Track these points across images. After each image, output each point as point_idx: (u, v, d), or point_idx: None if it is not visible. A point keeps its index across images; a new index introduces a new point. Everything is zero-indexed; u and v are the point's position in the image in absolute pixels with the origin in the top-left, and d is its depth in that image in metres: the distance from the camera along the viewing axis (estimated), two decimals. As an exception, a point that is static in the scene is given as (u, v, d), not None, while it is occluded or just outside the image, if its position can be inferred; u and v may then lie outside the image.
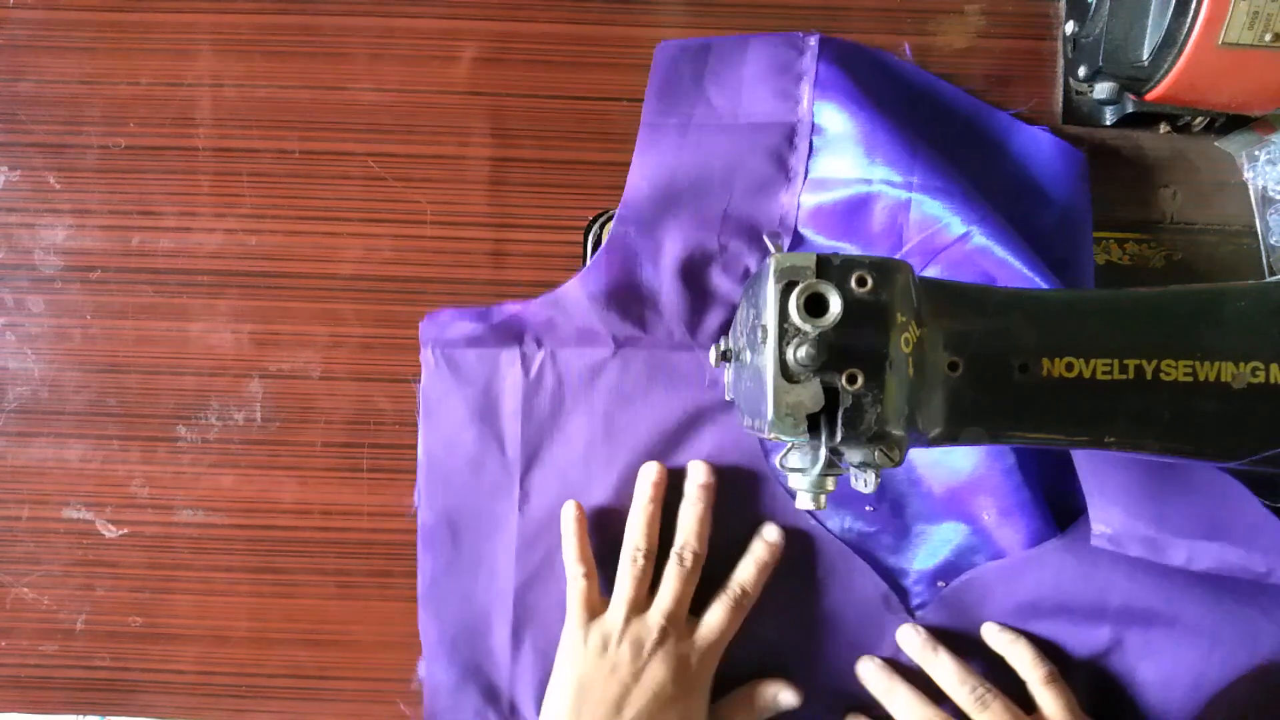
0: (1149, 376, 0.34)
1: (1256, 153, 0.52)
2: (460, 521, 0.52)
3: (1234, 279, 0.52)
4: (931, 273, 0.49)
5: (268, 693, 0.53)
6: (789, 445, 0.36)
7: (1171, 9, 0.43)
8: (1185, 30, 0.43)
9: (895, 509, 0.51)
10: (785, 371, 0.32)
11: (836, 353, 0.31)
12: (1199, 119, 0.51)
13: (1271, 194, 0.52)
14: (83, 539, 0.53)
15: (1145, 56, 0.46)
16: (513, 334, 0.53)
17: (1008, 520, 0.49)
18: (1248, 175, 0.52)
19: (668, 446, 0.52)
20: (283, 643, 0.53)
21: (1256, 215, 0.52)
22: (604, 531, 0.51)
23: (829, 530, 0.51)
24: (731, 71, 0.52)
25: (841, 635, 0.51)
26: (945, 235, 0.48)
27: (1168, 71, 0.45)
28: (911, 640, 0.49)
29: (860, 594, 0.51)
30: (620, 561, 0.49)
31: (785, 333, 0.32)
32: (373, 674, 0.53)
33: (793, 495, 0.36)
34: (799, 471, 0.35)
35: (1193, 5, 0.43)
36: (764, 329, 0.33)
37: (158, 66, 0.54)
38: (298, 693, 0.53)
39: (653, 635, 0.46)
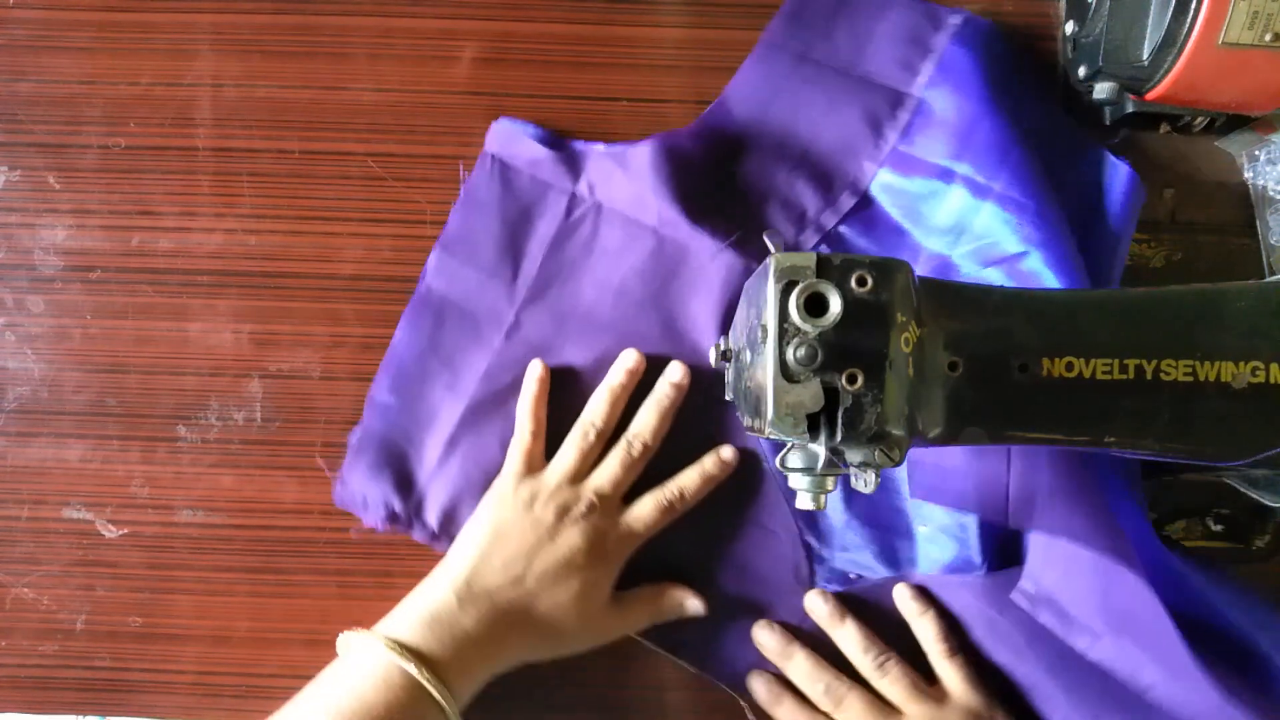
0: (1149, 376, 0.34)
1: (1256, 153, 0.52)
2: (449, 317, 0.53)
3: (1234, 279, 0.52)
4: (986, 275, 0.49)
5: (268, 693, 0.53)
6: (789, 445, 0.36)
7: (1171, 9, 0.43)
8: (1185, 30, 0.43)
9: (845, 496, 0.51)
10: (785, 371, 0.32)
11: (836, 353, 0.31)
12: (1199, 119, 0.51)
13: (1271, 194, 0.52)
14: (83, 539, 0.53)
15: (1145, 56, 0.46)
16: (572, 171, 0.53)
17: (939, 538, 0.49)
18: (1248, 175, 0.52)
19: (663, 340, 0.52)
20: (283, 643, 0.53)
21: (1256, 215, 0.52)
22: (571, 397, 0.51)
23: (780, 483, 0.51)
24: (867, 21, 0.53)
25: (746, 581, 0.51)
26: (1000, 249, 0.48)
27: (1168, 71, 0.45)
28: (819, 607, 0.50)
29: (777, 552, 0.51)
30: (571, 431, 0.49)
31: (785, 333, 0.32)
32: (373, 674, 0.53)
33: (792, 494, 0.36)
34: (799, 471, 0.35)
35: (1193, 5, 0.43)
36: (764, 329, 0.33)
37: (158, 66, 0.54)
38: (298, 693, 0.53)
39: (580, 506, 0.47)
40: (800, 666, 0.49)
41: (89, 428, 0.53)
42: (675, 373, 0.50)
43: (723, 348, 0.43)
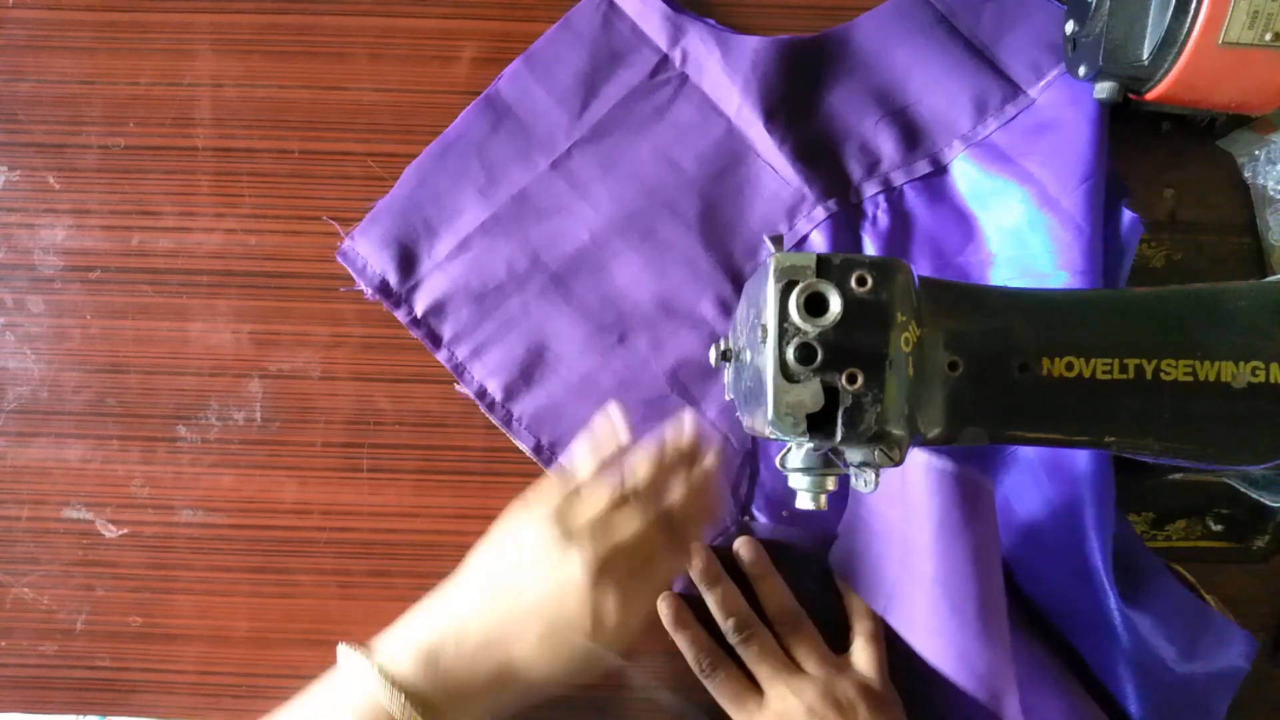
0: (1149, 376, 0.34)
1: (1256, 153, 0.52)
2: (505, 125, 0.53)
3: (1234, 279, 0.52)
4: (1019, 284, 0.49)
5: (268, 693, 0.53)
6: (789, 445, 0.36)
7: (1171, 8, 0.43)
8: (1185, 30, 0.43)
9: None
10: (785, 371, 0.32)
11: (836, 352, 0.31)
12: (1199, 119, 0.51)
13: (1271, 194, 0.52)
14: (83, 539, 0.53)
15: (1145, 56, 0.46)
16: (673, 35, 0.53)
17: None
18: (1248, 175, 0.52)
19: (695, 226, 0.52)
20: (283, 643, 0.53)
21: (1256, 215, 0.52)
22: (590, 247, 0.52)
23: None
24: (1016, 11, 0.53)
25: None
26: (1035, 265, 0.48)
27: (1168, 71, 0.45)
28: (747, 553, 0.50)
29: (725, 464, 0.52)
30: (607, 481, 0.48)
31: (785, 332, 0.32)
32: (373, 674, 0.53)
33: (793, 493, 0.36)
34: (799, 471, 0.35)
35: (1193, 5, 0.42)
36: (764, 328, 0.33)
37: (157, 66, 0.54)
38: (298, 693, 0.53)
39: (601, 560, 0.43)
40: (719, 596, 0.49)
41: (89, 428, 0.53)
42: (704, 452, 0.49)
43: (723, 347, 0.43)
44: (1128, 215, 0.50)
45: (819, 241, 0.51)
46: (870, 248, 0.52)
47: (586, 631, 0.44)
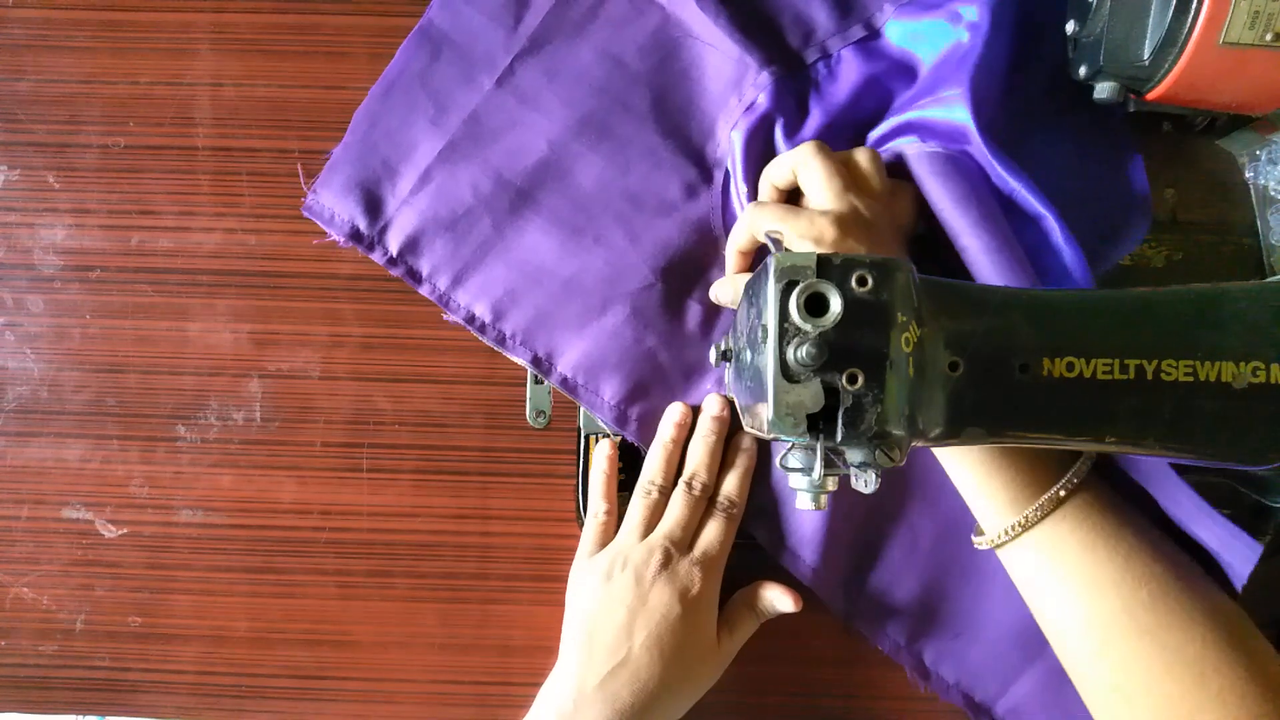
0: (1149, 376, 0.34)
1: (1257, 153, 0.52)
2: (444, 53, 0.53)
3: (1234, 279, 0.52)
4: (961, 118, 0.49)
5: (268, 693, 0.53)
6: (789, 445, 0.36)
7: (1172, 8, 0.43)
8: (1186, 30, 0.43)
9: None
10: (785, 371, 0.32)
11: (837, 353, 0.31)
12: (1199, 119, 0.51)
13: (1272, 194, 0.52)
14: (82, 539, 0.53)
15: (1146, 56, 0.46)
16: None
17: None
18: (1248, 175, 0.52)
19: (649, 118, 0.53)
20: (283, 643, 0.53)
21: (1256, 215, 0.52)
22: (556, 157, 0.52)
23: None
24: None
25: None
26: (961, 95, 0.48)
27: (1168, 71, 0.45)
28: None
29: None
30: (635, 492, 0.50)
31: (785, 332, 0.32)
32: (373, 674, 0.53)
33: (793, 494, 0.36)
34: (799, 471, 0.35)
35: (1193, 5, 0.42)
36: (764, 329, 0.33)
37: (157, 66, 0.54)
38: (298, 693, 0.53)
39: (656, 558, 0.47)
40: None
41: (89, 427, 0.53)
42: (713, 407, 0.50)
43: (723, 348, 0.43)
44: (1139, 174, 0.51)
45: (765, 106, 0.51)
46: (816, 117, 0.51)
47: (679, 616, 0.46)
